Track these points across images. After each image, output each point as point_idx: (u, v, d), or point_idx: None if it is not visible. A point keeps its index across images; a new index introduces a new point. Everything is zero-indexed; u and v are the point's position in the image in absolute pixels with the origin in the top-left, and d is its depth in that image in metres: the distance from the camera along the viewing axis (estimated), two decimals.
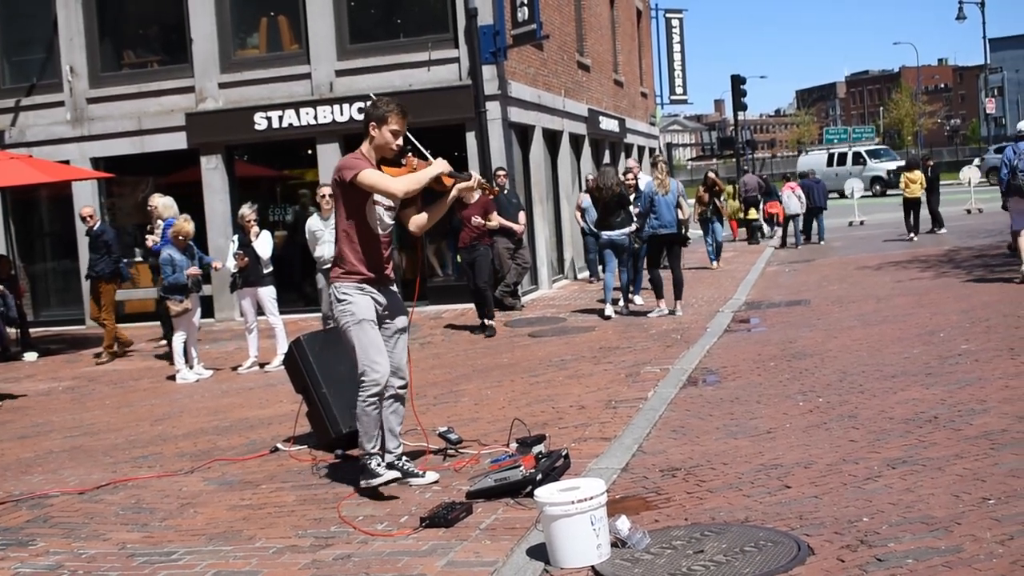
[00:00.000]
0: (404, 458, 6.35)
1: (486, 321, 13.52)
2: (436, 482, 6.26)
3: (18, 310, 15.35)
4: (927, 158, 25.58)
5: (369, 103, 6.27)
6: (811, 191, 25.08)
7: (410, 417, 6.77)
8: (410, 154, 6.33)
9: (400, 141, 6.17)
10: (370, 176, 5.98)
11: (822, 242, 24.86)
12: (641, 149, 30.43)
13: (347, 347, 6.17)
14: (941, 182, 25.84)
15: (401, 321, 6.30)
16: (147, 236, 13.60)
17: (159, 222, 13.04)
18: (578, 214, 18.45)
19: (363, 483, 6.07)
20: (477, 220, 13.38)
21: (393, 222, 6.27)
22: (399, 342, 6.28)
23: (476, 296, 13.72)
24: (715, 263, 20.06)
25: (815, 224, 25.38)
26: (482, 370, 10.79)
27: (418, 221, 6.38)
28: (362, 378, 6.04)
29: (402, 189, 6.02)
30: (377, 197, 6.07)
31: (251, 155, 18.43)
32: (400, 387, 6.26)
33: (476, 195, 10.55)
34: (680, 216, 13.91)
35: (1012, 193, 13.58)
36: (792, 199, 24.47)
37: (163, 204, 13.80)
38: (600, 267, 16.40)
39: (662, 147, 30.15)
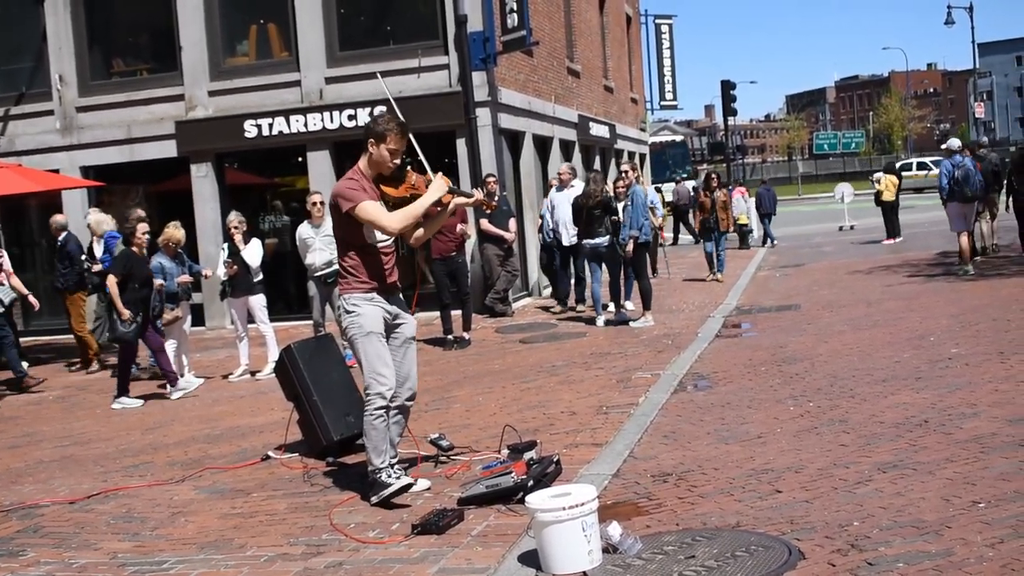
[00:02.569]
0: (397, 467, 6.35)
1: (465, 335, 13.38)
2: (428, 489, 6.25)
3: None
4: (893, 164, 26.81)
5: (370, 119, 6.24)
6: (762, 198, 26.78)
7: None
8: (409, 168, 6.30)
9: (397, 160, 6.13)
10: (366, 211, 5.95)
11: (774, 243, 26.32)
12: (631, 155, 30.48)
13: (356, 359, 6.17)
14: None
15: (409, 329, 6.30)
16: (86, 261, 13.49)
17: (94, 239, 13.07)
18: (546, 217, 16.64)
19: (373, 498, 6.01)
20: (461, 227, 13.27)
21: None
22: (408, 351, 6.27)
23: (461, 306, 13.57)
24: (719, 274, 18.56)
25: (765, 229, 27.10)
26: (473, 376, 10.78)
27: (416, 234, 6.37)
28: (367, 391, 6.04)
29: (398, 227, 6.00)
30: None
31: (241, 163, 18.40)
32: (408, 398, 6.26)
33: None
34: (654, 223, 13.95)
35: (954, 199, 15.71)
36: (740, 202, 25.84)
37: (95, 221, 13.75)
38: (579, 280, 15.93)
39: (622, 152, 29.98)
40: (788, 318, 13.21)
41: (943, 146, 17.25)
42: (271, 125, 17.07)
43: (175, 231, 12.15)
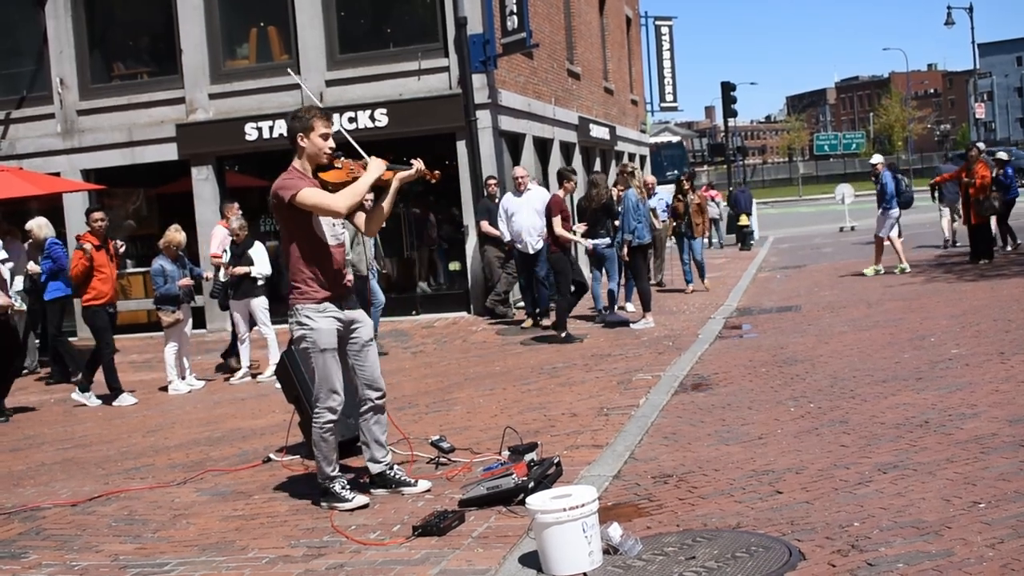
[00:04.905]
0: (395, 466, 6.36)
1: (555, 330, 12.80)
2: (428, 490, 6.25)
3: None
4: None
5: (289, 118, 6.13)
6: (738, 200, 27.76)
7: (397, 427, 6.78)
8: (343, 157, 6.19)
9: (332, 143, 6.02)
10: (310, 196, 5.80)
11: (752, 241, 27.46)
12: (632, 156, 30.49)
13: (307, 367, 6.12)
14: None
15: (366, 332, 6.19)
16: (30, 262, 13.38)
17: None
18: (501, 227, 14.64)
19: (325, 505, 6.06)
20: (565, 234, 12.74)
21: (345, 229, 6.09)
22: (369, 354, 6.18)
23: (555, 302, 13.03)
24: (690, 285, 17.08)
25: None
26: (474, 378, 10.79)
27: (371, 223, 6.24)
28: (316, 404, 6.03)
29: (344, 205, 5.84)
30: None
31: (242, 165, 18.42)
32: (377, 398, 6.21)
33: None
34: (656, 225, 13.88)
35: (895, 206, 17.04)
36: (711, 205, 26.48)
37: (36, 225, 13.66)
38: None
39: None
40: (789, 319, 13.22)
41: (872, 161, 18.15)
42: (271, 128, 17.08)
43: (176, 234, 12.17)
